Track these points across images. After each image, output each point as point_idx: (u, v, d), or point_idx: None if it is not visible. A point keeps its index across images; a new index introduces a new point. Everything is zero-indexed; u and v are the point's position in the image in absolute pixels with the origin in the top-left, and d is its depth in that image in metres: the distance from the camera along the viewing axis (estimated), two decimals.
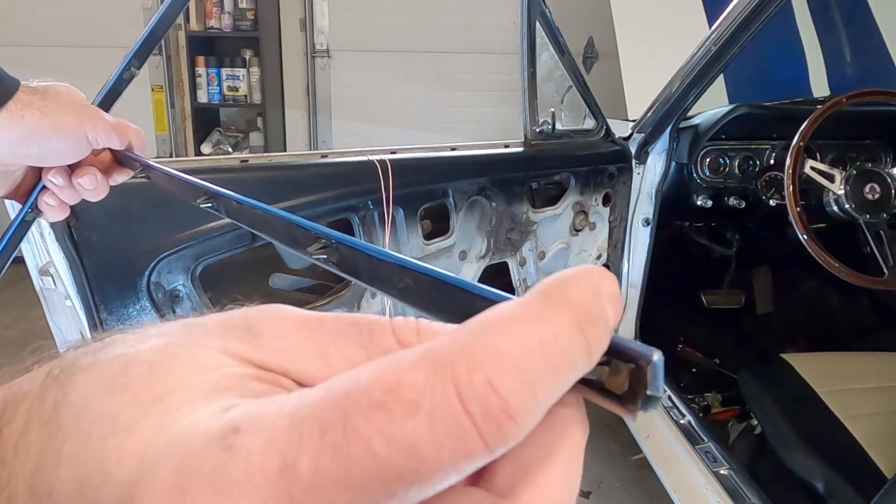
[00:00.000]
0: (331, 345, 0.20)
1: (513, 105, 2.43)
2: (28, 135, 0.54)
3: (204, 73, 3.62)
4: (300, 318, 0.21)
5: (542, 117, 1.59)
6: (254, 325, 0.20)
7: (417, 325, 0.20)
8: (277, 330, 0.20)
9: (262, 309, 0.21)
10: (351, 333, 0.20)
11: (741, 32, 1.49)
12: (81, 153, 0.59)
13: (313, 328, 0.20)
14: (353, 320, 0.20)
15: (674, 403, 1.70)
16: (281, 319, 0.20)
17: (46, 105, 0.55)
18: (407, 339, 0.20)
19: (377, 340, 0.20)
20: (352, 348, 0.20)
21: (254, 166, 1.27)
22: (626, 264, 1.87)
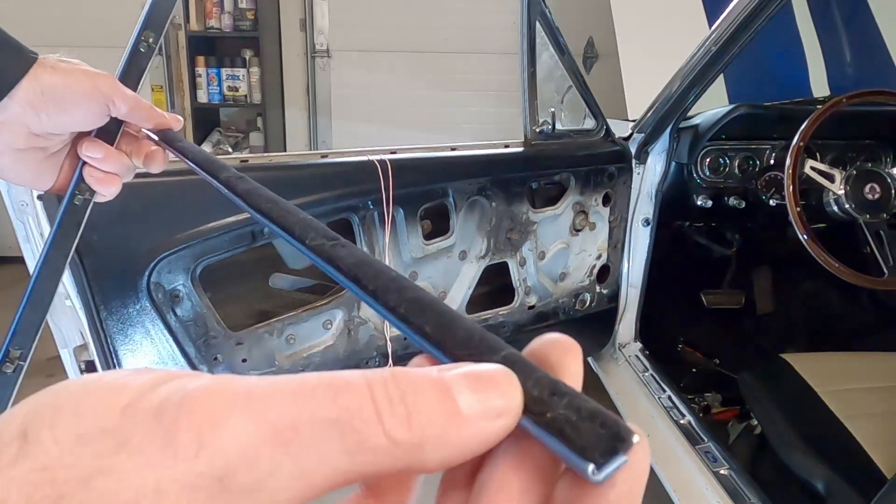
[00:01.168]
0: (312, 459, 0.18)
1: (513, 105, 2.43)
2: (43, 92, 0.54)
3: (204, 73, 3.62)
4: (273, 431, 0.17)
5: (542, 117, 1.59)
6: (224, 472, 0.17)
7: (406, 409, 0.18)
8: (251, 464, 0.17)
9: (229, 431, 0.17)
10: (333, 437, 0.18)
11: (741, 32, 1.48)
12: (101, 115, 0.58)
13: (288, 441, 0.18)
14: (334, 419, 0.18)
15: (674, 403, 1.70)
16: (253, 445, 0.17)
17: (57, 65, 0.55)
18: (397, 433, 0.18)
19: (365, 440, 0.18)
20: (336, 458, 0.18)
21: (254, 166, 1.27)
22: (626, 264, 1.87)
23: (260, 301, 1.52)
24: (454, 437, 0.19)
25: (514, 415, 0.19)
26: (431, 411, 0.19)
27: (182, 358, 1.19)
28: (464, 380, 0.19)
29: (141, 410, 0.18)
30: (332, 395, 0.18)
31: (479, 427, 0.19)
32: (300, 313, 1.33)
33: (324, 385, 0.18)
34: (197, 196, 1.16)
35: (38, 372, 3.08)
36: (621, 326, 1.93)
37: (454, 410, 0.19)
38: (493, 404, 0.19)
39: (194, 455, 0.17)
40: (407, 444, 0.18)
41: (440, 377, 0.19)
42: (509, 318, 1.66)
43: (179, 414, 0.17)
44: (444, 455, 0.19)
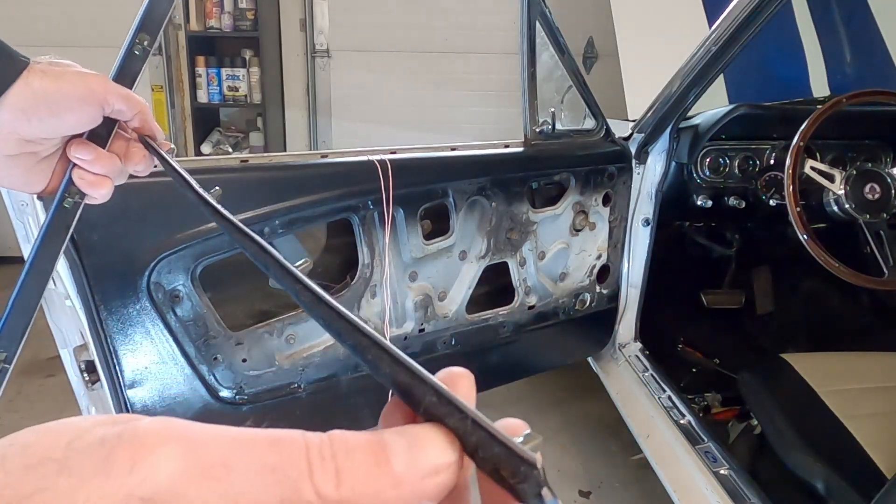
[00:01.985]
0: (242, 499, 0.18)
1: (513, 105, 2.43)
2: (34, 97, 0.53)
3: (204, 73, 3.62)
4: (205, 466, 0.18)
5: (542, 117, 1.59)
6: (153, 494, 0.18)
7: (336, 467, 0.19)
8: (179, 491, 0.18)
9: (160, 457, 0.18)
10: (268, 485, 0.19)
11: (741, 32, 1.48)
12: (93, 116, 0.57)
13: (221, 481, 0.18)
14: (270, 465, 0.19)
15: (674, 403, 1.70)
16: (183, 474, 0.18)
17: (48, 69, 0.55)
18: (325, 490, 0.19)
19: (297, 493, 0.19)
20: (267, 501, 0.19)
21: (254, 166, 1.27)
22: (626, 264, 1.87)
23: (260, 301, 1.52)
24: (387, 495, 0.19)
25: (451, 473, 0.20)
26: (362, 470, 0.19)
27: (182, 358, 1.19)
28: (400, 437, 0.20)
29: (85, 442, 0.19)
30: (269, 442, 0.19)
31: (415, 485, 0.20)
32: (300, 313, 1.33)
33: (263, 434, 0.19)
34: None
35: (38, 372, 3.07)
36: (621, 326, 1.93)
37: (386, 469, 0.19)
38: (429, 462, 0.20)
39: (126, 475, 0.18)
40: (335, 501, 0.19)
41: (378, 437, 0.20)
42: (509, 318, 1.66)
43: (119, 442, 0.19)
44: None
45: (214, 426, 0.20)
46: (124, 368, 1.14)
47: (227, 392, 1.26)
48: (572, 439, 2.21)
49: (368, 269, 1.38)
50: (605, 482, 2.07)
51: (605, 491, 2.04)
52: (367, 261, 1.37)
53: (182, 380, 1.20)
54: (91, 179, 0.59)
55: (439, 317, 1.53)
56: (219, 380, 1.24)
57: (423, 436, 0.20)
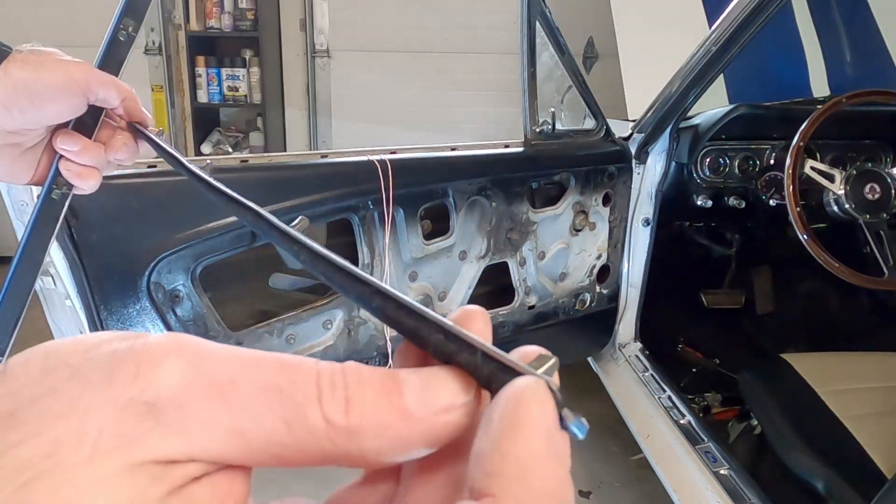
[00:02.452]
0: (249, 421, 0.18)
1: (513, 105, 2.43)
2: (14, 88, 0.52)
3: (204, 73, 3.62)
4: (211, 382, 0.19)
5: (542, 117, 1.59)
6: (155, 400, 0.18)
7: (346, 396, 0.19)
8: (183, 402, 0.18)
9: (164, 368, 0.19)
10: (274, 404, 0.18)
11: (741, 32, 1.48)
12: (76, 105, 0.56)
13: (227, 397, 0.18)
14: (277, 387, 0.19)
15: (674, 403, 1.70)
16: (188, 387, 0.18)
17: (28, 58, 0.53)
18: (334, 416, 0.19)
19: (303, 417, 0.19)
20: (273, 424, 0.18)
21: (254, 166, 1.27)
22: (626, 264, 1.87)
23: (260, 301, 1.52)
24: (397, 429, 0.19)
25: (464, 412, 0.20)
26: (373, 402, 0.19)
27: None
28: (414, 374, 0.20)
29: (101, 352, 0.19)
30: (279, 366, 0.19)
31: (426, 422, 0.19)
32: (300, 313, 1.33)
33: (273, 357, 0.19)
34: (197, 196, 1.16)
35: None
36: (621, 326, 1.93)
37: (397, 402, 0.19)
38: (441, 399, 0.20)
39: (129, 382, 0.18)
40: (343, 430, 0.19)
41: (392, 373, 0.20)
42: (509, 318, 1.66)
43: (129, 354, 0.19)
44: (383, 446, 0.19)
45: (227, 346, 0.20)
46: None
47: None
48: (572, 439, 2.21)
49: (368, 269, 1.38)
50: (605, 482, 2.07)
51: (605, 491, 2.04)
52: (367, 261, 1.37)
53: None
54: (78, 170, 0.59)
55: None
56: None
57: (438, 375, 0.20)
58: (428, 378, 0.20)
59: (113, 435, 0.18)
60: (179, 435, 0.18)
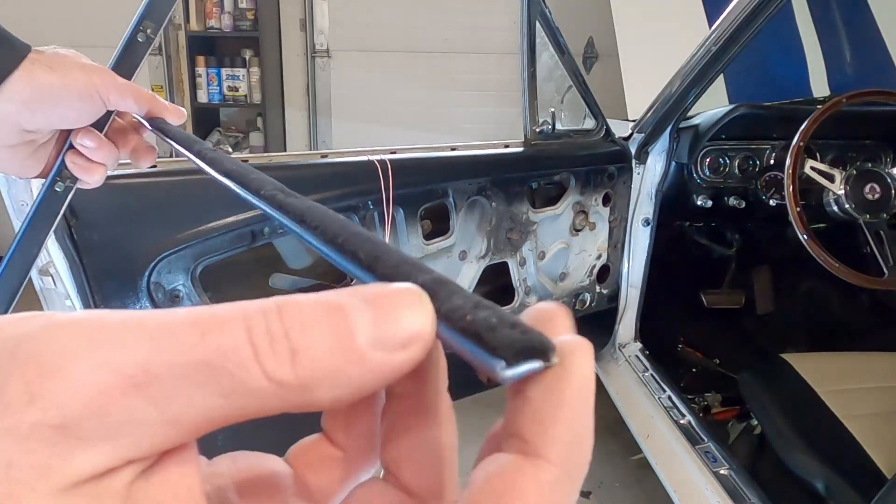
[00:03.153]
0: (180, 407, 0.16)
1: (513, 105, 2.44)
2: (39, 91, 0.53)
3: (204, 73, 3.62)
4: (122, 378, 0.16)
5: (542, 117, 1.59)
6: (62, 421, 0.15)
7: (290, 346, 0.16)
8: (96, 411, 0.15)
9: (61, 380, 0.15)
10: (202, 382, 0.16)
11: (741, 32, 1.48)
12: (95, 111, 0.57)
13: (146, 391, 0.16)
14: (201, 362, 0.16)
15: (674, 403, 1.70)
16: (96, 394, 0.15)
17: (53, 61, 0.54)
18: (280, 374, 0.16)
19: (242, 383, 0.16)
20: (208, 402, 0.16)
21: (254, 166, 1.27)
22: (626, 264, 1.87)
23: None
24: (349, 373, 0.17)
25: (422, 345, 0.18)
26: (321, 347, 0.17)
27: None
28: (364, 304, 0.17)
29: None
30: (197, 334, 0.16)
31: (379, 361, 0.17)
32: None
33: (189, 322, 0.16)
34: (197, 196, 1.16)
35: None
36: (621, 326, 1.93)
37: (349, 345, 0.17)
38: (397, 333, 0.17)
39: (26, 405, 0.15)
40: (291, 386, 0.16)
41: (336, 301, 0.17)
42: None
43: (12, 363, 0.16)
44: (337, 394, 0.17)
45: (131, 316, 0.17)
46: None
47: None
48: None
49: None
50: (605, 482, 2.07)
51: (605, 491, 2.04)
52: None
53: None
54: (85, 165, 0.59)
55: None
56: None
57: (390, 299, 0.17)
58: (379, 305, 0.17)
59: (26, 467, 0.15)
60: (104, 443, 0.16)
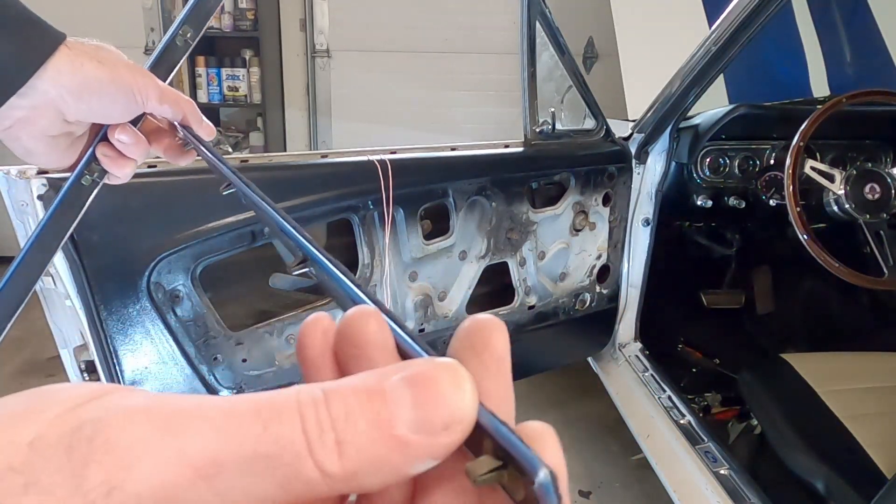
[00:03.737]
0: (238, 494, 0.17)
1: (513, 105, 2.43)
2: (87, 84, 0.54)
3: (204, 73, 3.62)
4: (192, 469, 0.16)
5: (542, 117, 1.59)
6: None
7: (336, 438, 0.17)
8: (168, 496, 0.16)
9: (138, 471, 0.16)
10: (262, 472, 0.17)
11: (741, 32, 1.48)
12: (133, 112, 0.58)
13: (212, 481, 0.16)
14: (264, 455, 0.17)
15: (674, 403, 1.70)
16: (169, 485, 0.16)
17: (102, 56, 0.55)
18: (328, 466, 0.17)
19: (296, 475, 0.17)
20: (266, 491, 0.17)
21: (254, 166, 1.27)
22: (626, 264, 1.87)
23: (260, 301, 1.52)
24: (392, 461, 0.17)
25: (465, 427, 0.18)
26: (364, 438, 0.17)
27: (182, 358, 1.19)
28: (404, 387, 0.18)
29: (50, 445, 0.16)
30: (261, 425, 0.17)
31: (420, 445, 0.17)
32: (300, 313, 1.33)
33: (252, 412, 0.17)
34: (197, 196, 1.17)
35: (38, 372, 3.06)
36: (621, 326, 1.93)
37: (390, 433, 0.17)
38: (438, 416, 0.17)
39: (104, 497, 0.16)
40: (339, 477, 0.17)
41: (377, 386, 0.18)
42: (509, 318, 1.66)
43: (90, 451, 0.16)
44: (381, 480, 0.18)
45: (197, 404, 0.17)
46: (124, 368, 1.14)
47: (227, 392, 1.26)
48: (572, 439, 2.21)
49: (368, 269, 1.38)
50: (605, 482, 2.07)
51: (605, 491, 2.04)
52: (367, 261, 1.37)
53: (182, 380, 1.20)
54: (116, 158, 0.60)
55: (439, 317, 1.53)
56: (219, 380, 1.24)
57: (431, 379, 0.18)
58: (421, 387, 0.18)
59: None
60: None
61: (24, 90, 0.52)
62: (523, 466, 0.17)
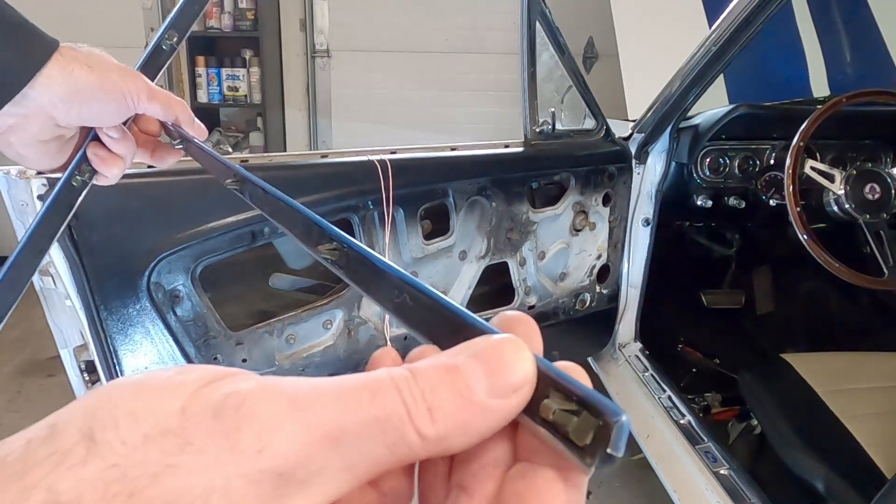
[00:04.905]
0: (357, 455, 0.19)
1: (513, 105, 2.43)
2: (78, 90, 0.54)
3: (204, 73, 3.62)
4: (324, 433, 0.19)
5: (542, 117, 1.59)
6: (283, 469, 0.19)
7: (427, 406, 0.20)
8: (305, 462, 0.19)
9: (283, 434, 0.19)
10: (376, 435, 0.19)
11: (741, 32, 1.48)
12: (125, 115, 0.59)
13: (338, 443, 0.19)
14: (376, 418, 0.19)
15: (674, 403, 1.70)
16: (307, 446, 0.19)
17: (91, 61, 0.55)
18: (425, 430, 0.20)
19: (401, 438, 0.20)
20: (378, 452, 0.20)
21: (254, 166, 1.27)
22: (626, 264, 1.87)
23: (260, 301, 1.52)
24: (476, 423, 0.20)
25: (531, 386, 0.20)
26: (450, 405, 0.20)
27: (182, 358, 1.19)
28: (475, 361, 0.21)
29: (199, 412, 0.19)
30: (369, 395, 0.20)
31: (496, 409, 0.20)
32: (300, 313, 1.33)
33: (360, 386, 0.20)
34: (197, 196, 1.17)
35: (38, 372, 3.07)
36: (621, 326, 1.93)
37: (470, 399, 0.20)
38: (508, 380, 0.20)
39: (256, 454, 0.18)
40: (434, 438, 0.20)
41: (452, 363, 0.21)
42: None
43: (239, 418, 0.19)
44: (468, 440, 0.20)
45: (312, 384, 0.20)
46: (124, 368, 1.14)
47: None
48: None
49: None
50: (605, 482, 2.07)
51: (605, 491, 2.04)
52: None
53: None
54: (105, 156, 0.60)
55: None
56: None
57: (497, 352, 0.21)
58: (489, 360, 0.20)
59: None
60: (307, 489, 0.19)
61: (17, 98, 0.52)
62: (601, 410, 0.19)
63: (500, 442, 0.22)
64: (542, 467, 0.20)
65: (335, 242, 0.30)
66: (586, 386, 0.20)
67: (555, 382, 0.20)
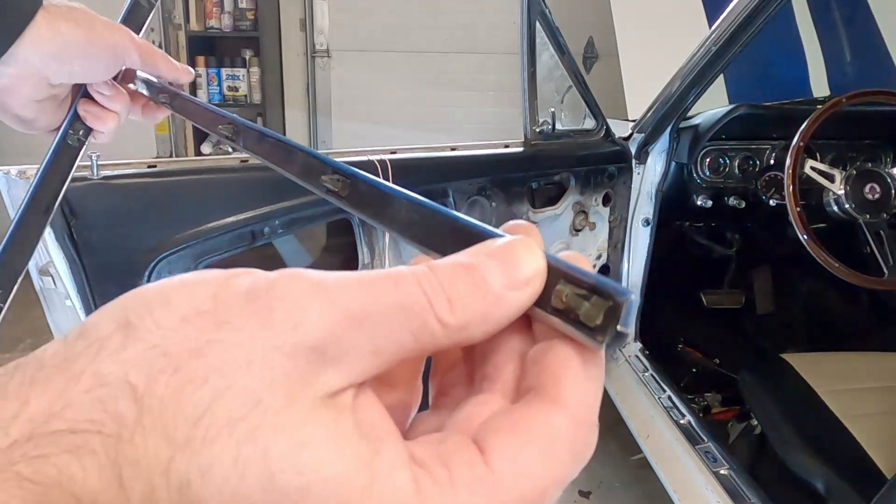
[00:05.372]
0: (384, 340, 0.20)
1: (513, 105, 2.44)
2: (67, 46, 0.54)
3: (204, 73, 3.62)
4: (349, 315, 0.20)
5: (542, 117, 1.59)
6: (316, 343, 0.20)
7: (447, 297, 0.21)
8: (335, 339, 0.20)
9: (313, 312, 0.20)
10: (401, 321, 0.20)
11: (741, 32, 1.48)
12: (113, 69, 0.59)
13: (364, 324, 0.20)
14: (399, 305, 0.20)
15: (674, 403, 1.70)
16: (335, 324, 0.20)
17: (77, 16, 0.55)
18: (446, 318, 0.21)
19: (424, 325, 0.20)
20: (403, 337, 0.20)
21: (254, 166, 1.27)
22: (626, 264, 1.87)
23: None
24: (493, 313, 0.21)
25: (542, 279, 0.22)
26: (468, 296, 0.21)
27: None
28: (489, 259, 0.22)
29: (231, 296, 0.20)
30: (392, 283, 0.21)
31: (512, 300, 0.21)
32: None
33: (383, 277, 0.21)
34: (197, 196, 1.17)
35: None
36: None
37: (487, 291, 0.21)
38: (521, 273, 0.21)
39: (291, 329, 0.19)
40: (454, 328, 0.21)
41: (467, 261, 0.22)
42: None
43: (270, 298, 0.20)
44: (486, 329, 0.21)
45: (336, 274, 0.21)
46: None
47: None
48: None
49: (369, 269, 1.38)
50: (605, 482, 2.07)
51: (605, 491, 2.04)
52: (367, 261, 1.37)
53: None
54: (98, 113, 0.60)
55: None
56: None
57: (509, 250, 0.22)
58: (502, 257, 0.22)
59: (295, 379, 0.19)
60: (339, 367, 0.20)
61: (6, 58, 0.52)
62: (609, 292, 0.20)
63: (518, 334, 0.23)
64: (558, 342, 0.22)
65: (337, 175, 0.30)
66: (592, 272, 0.21)
67: (565, 274, 0.21)
